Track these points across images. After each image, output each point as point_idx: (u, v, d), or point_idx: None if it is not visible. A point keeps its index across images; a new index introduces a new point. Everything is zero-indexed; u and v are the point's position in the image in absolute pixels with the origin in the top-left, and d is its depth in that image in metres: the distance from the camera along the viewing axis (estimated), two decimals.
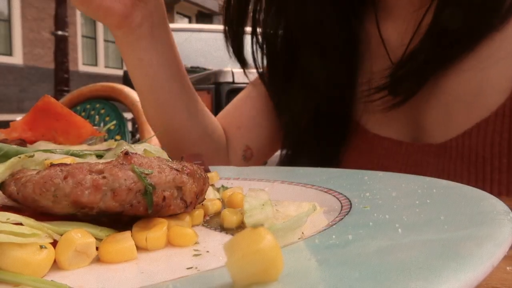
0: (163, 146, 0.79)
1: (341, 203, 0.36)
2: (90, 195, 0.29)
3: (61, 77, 8.04)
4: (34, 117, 0.48)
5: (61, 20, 7.92)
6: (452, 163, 0.66)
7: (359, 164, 0.75)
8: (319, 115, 0.78)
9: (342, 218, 0.30)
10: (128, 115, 1.60)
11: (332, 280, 0.18)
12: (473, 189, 0.33)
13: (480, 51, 0.63)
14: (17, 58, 11.72)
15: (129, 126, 2.14)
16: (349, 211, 0.32)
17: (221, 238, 0.33)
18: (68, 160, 0.34)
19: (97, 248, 0.28)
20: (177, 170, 0.32)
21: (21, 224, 0.26)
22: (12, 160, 0.32)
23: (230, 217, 0.35)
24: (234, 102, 0.88)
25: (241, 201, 0.39)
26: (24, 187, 0.29)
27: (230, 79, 2.85)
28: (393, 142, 0.72)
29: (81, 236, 0.27)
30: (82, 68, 13.45)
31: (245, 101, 0.87)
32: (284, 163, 0.84)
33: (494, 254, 0.20)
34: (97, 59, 14.37)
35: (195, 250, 0.29)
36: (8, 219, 0.26)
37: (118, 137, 1.47)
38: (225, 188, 0.47)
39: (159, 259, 0.29)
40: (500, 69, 0.63)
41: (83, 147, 0.43)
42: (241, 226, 0.35)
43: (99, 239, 0.29)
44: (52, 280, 0.24)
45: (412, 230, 0.24)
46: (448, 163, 0.66)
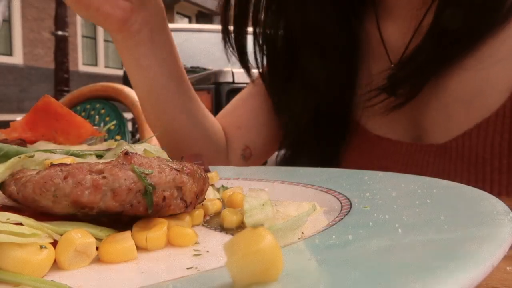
0: (163, 147, 0.79)
1: (341, 203, 0.36)
2: (90, 195, 0.29)
3: (61, 77, 8.04)
4: (34, 117, 0.48)
5: (61, 20, 7.92)
6: (452, 163, 0.65)
7: (359, 164, 0.75)
8: (319, 115, 0.78)
9: (342, 218, 0.30)
10: (128, 115, 1.60)
11: (332, 280, 0.18)
12: (473, 189, 0.33)
13: (481, 51, 0.63)
14: (17, 58, 11.73)
15: (129, 126, 2.13)
16: (349, 211, 0.32)
17: (221, 238, 0.33)
18: (68, 160, 0.34)
19: (97, 248, 0.28)
20: (177, 170, 0.32)
21: (21, 224, 0.26)
22: (12, 160, 0.32)
23: (230, 217, 0.35)
24: (234, 102, 0.88)
25: (241, 201, 0.39)
26: (24, 187, 0.29)
27: (230, 79, 2.85)
28: (393, 142, 0.72)
29: (81, 236, 0.27)
30: (82, 68, 13.46)
31: (244, 101, 0.86)
32: (283, 163, 0.84)
33: (494, 254, 0.20)
34: (97, 59, 14.37)
35: (195, 250, 0.29)
36: (8, 219, 0.26)
37: (118, 137, 1.47)
38: (225, 188, 0.47)
39: (159, 259, 0.29)
40: (500, 69, 0.63)
41: (83, 147, 0.43)
42: (241, 226, 0.35)
43: (99, 239, 0.29)
44: (52, 280, 0.24)
45: (412, 230, 0.24)
46: (448, 164, 0.66)
